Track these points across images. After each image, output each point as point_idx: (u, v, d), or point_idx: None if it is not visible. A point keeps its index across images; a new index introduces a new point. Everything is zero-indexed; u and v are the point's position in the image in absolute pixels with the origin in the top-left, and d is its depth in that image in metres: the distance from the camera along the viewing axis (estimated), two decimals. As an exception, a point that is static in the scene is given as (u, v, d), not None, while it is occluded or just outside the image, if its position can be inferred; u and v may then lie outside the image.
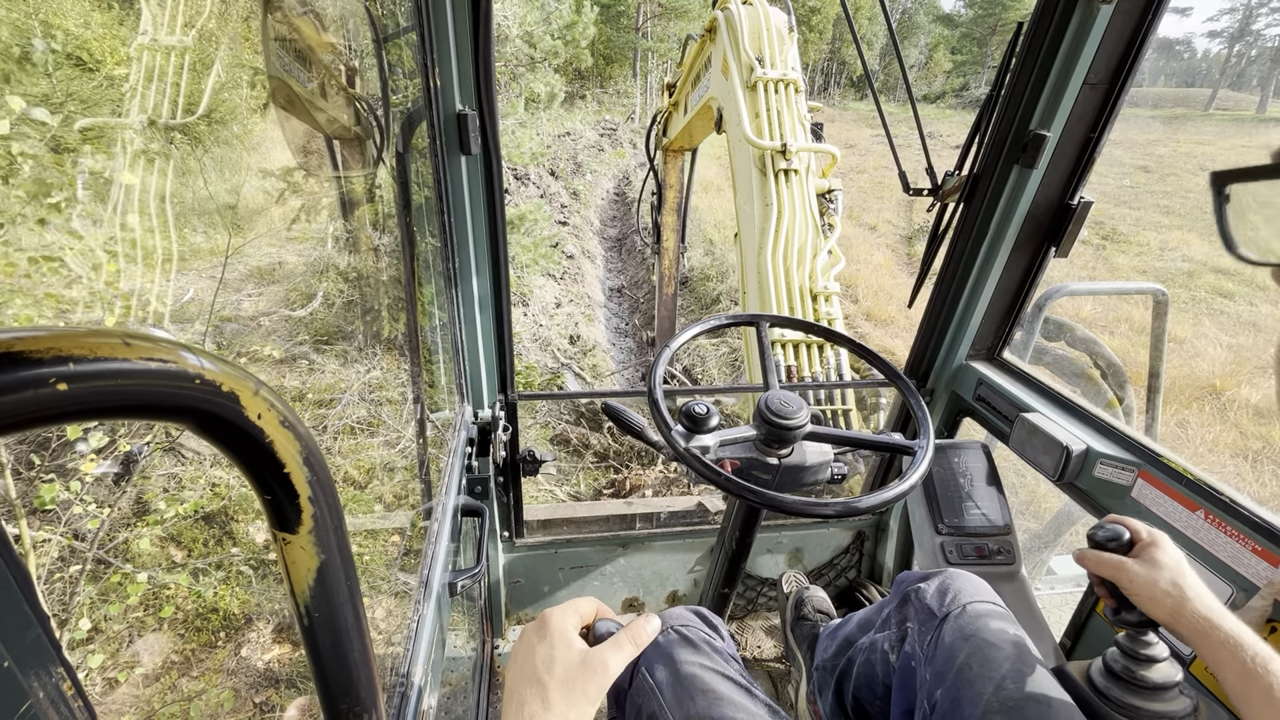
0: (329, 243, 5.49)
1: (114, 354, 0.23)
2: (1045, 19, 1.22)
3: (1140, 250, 11.77)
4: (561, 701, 0.59)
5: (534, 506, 1.90)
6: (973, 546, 1.41)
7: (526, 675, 0.61)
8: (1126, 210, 14.41)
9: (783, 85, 3.28)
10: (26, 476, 2.51)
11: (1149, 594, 0.79)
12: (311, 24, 1.13)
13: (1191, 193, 15.61)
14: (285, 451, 0.32)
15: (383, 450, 3.92)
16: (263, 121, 6.01)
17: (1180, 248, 11.61)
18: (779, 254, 2.99)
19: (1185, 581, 0.78)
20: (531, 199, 10.87)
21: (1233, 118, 36.36)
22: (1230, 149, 21.94)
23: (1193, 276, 10.13)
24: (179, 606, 2.74)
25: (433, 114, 1.16)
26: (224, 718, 2.41)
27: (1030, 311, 2.06)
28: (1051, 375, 2.23)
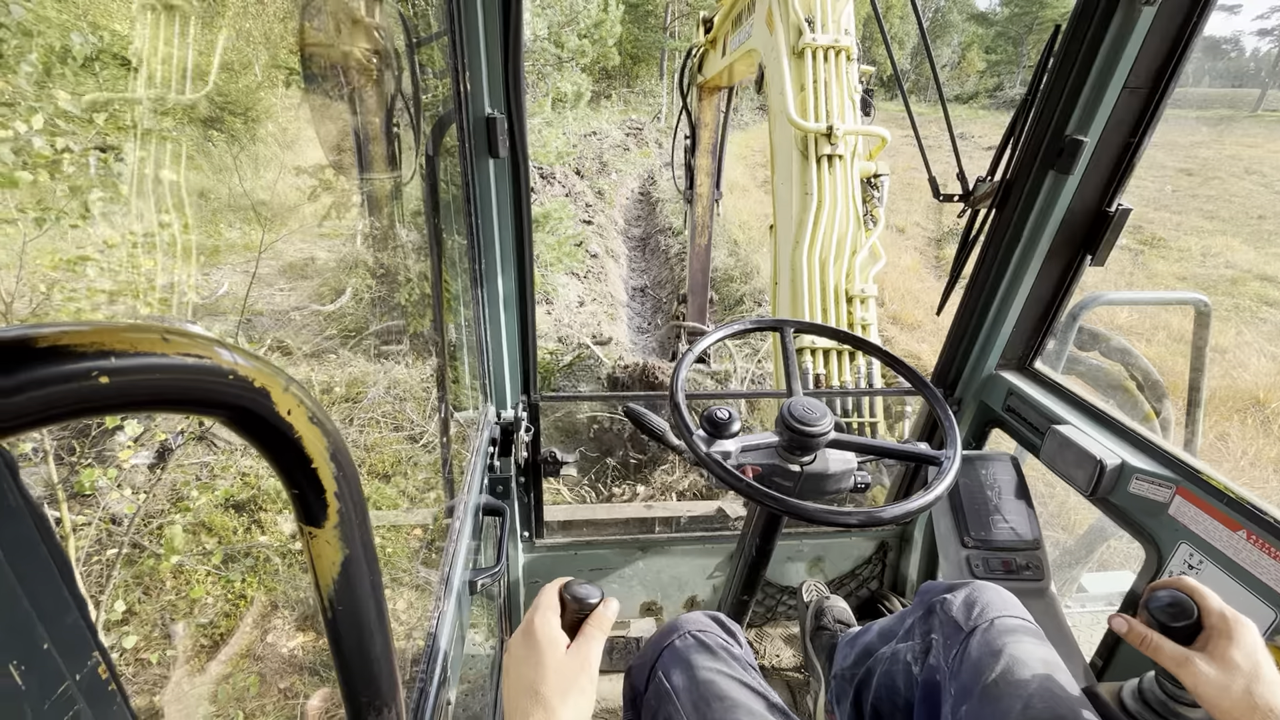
0: (358, 240, 5.60)
1: (153, 349, 0.24)
2: (1084, 21, 1.19)
3: (1181, 256, 11.33)
4: (561, 704, 0.61)
5: (558, 507, 1.91)
6: (1000, 560, 1.38)
7: (523, 687, 0.63)
8: (1167, 215, 13.88)
9: (834, 53, 2.94)
10: (68, 462, 2.61)
11: (1215, 701, 0.69)
12: (349, 29, 1.15)
13: (1236, 197, 14.97)
14: (313, 447, 0.32)
15: (407, 447, 3.98)
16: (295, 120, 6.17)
17: (1224, 254, 11.16)
18: (815, 251, 2.81)
19: (1259, 690, 0.67)
20: (556, 198, 10.95)
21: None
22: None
23: (1236, 284, 9.73)
24: (208, 591, 2.82)
25: (463, 117, 1.18)
26: (249, 701, 2.47)
27: (1064, 320, 2.00)
28: (1085, 386, 2.17)
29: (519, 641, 0.67)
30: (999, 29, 49.14)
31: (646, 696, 0.96)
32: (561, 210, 9.40)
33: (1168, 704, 0.81)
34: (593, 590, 0.71)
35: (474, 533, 1.24)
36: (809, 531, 1.85)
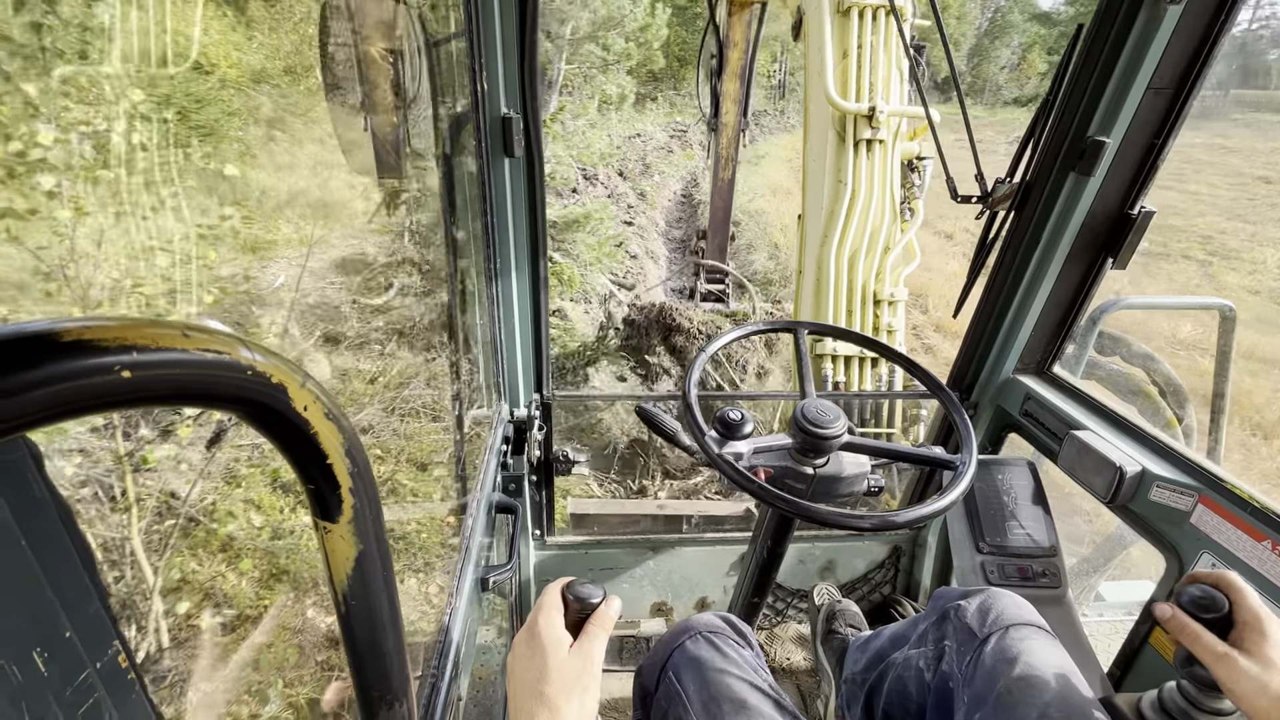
0: (375, 240, 5.67)
1: (174, 344, 0.25)
2: (1108, 20, 1.17)
3: (1254, 268, 10.75)
4: (565, 704, 0.61)
5: (589, 500, 1.91)
6: (1015, 567, 1.36)
7: (527, 688, 0.63)
8: (1240, 224, 13.16)
9: (883, 12, 2.56)
10: (135, 437, 2.70)
11: (1252, 699, 0.67)
12: (367, 29, 1.17)
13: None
14: (329, 443, 0.33)
15: (421, 444, 4.01)
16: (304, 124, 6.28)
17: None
18: (845, 247, 2.57)
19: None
20: (598, 198, 10.96)
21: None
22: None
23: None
24: (255, 564, 2.89)
25: (479, 117, 1.19)
26: (289, 670, 2.53)
27: (1084, 324, 1.97)
28: (1105, 391, 2.14)
29: (523, 641, 0.67)
30: (1061, 29, 47.62)
31: (657, 696, 0.96)
32: (602, 211, 9.40)
33: (1189, 713, 0.79)
34: (595, 589, 0.71)
35: (486, 530, 1.25)
36: (821, 534, 1.84)
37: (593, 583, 0.72)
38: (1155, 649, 1.22)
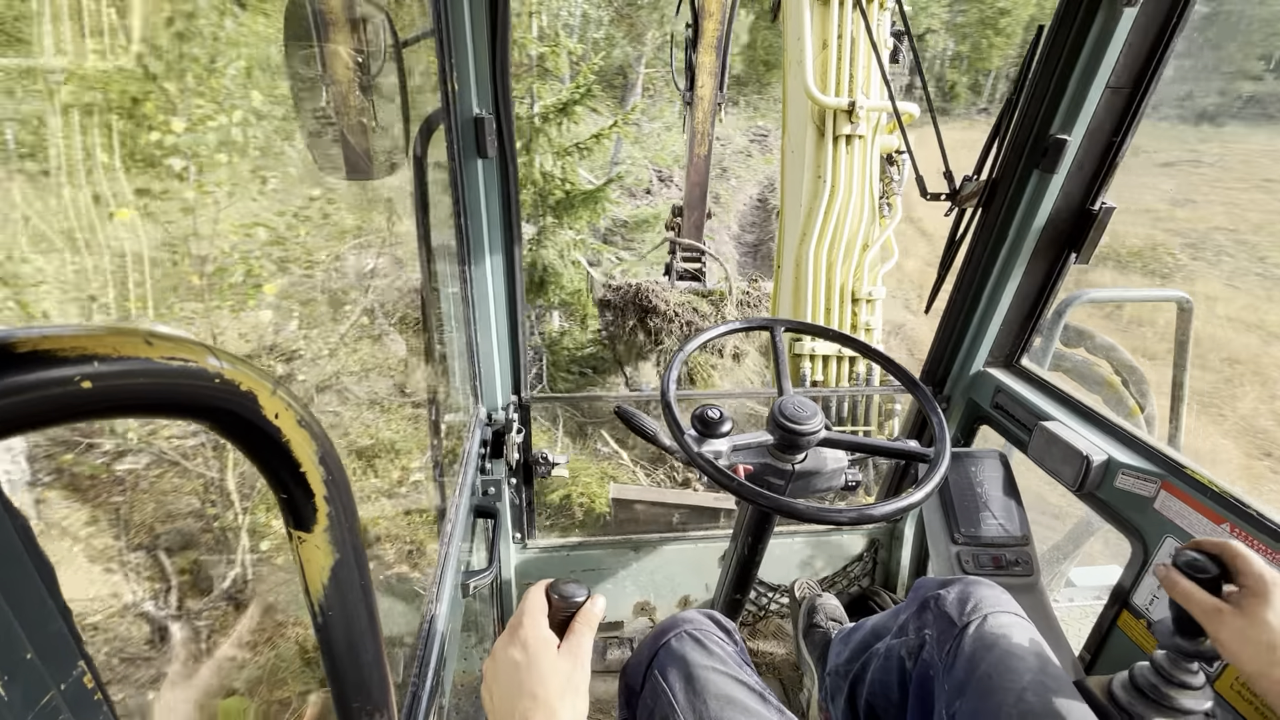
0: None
1: (136, 353, 0.24)
2: (1067, 21, 1.20)
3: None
4: (560, 704, 0.61)
5: (630, 487, 1.88)
6: (989, 556, 1.39)
7: (517, 691, 0.62)
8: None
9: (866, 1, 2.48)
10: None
11: (1237, 651, 0.72)
12: (332, 28, 1.15)
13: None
14: (301, 451, 0.32)
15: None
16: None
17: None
18: (824, 245, 2.53)
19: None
20: (670, 200, 10.85)
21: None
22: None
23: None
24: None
25: (450, 118, 1.18)
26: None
27: (1050, 318, 2.03)
28: (1071, 383, 2.20)
29: (507, 645, 0.66)
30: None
31: (642, 696, 0.96)
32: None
33: (1160, 688, 0.82)
34: (579, 588, 0.71)
35: (466, 535, 1.23)
36: (801, 530, 1.86)
37: (576, 581, 0.72)
38: (1123, 632, 1.26)
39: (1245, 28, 27.64)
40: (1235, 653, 0.72)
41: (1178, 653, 0.81)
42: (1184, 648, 0.80)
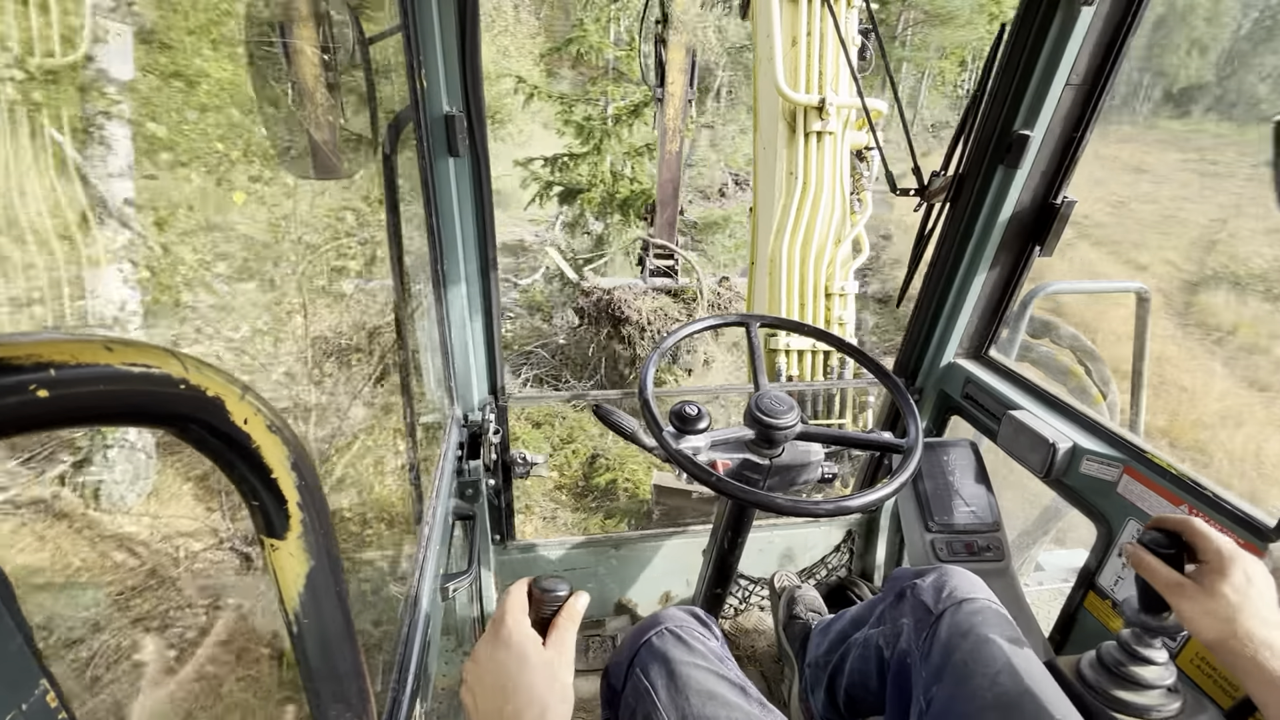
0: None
1: (96, 359, 0.23)
2: (1028, 19, 1.23)
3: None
4: (550, 698, 0.61)
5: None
6: (962, 543, 1.43)
7: (506, 688, 0.62)
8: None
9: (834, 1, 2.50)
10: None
11: (1197, 623, 0.75)
12: (294, 23, 1.12)
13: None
14: (272, 456, 0.31)
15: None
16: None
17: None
18: (797, 242, 2.56)
19: (1240, 617, 0.73)
20: (744, 203, 10.74)
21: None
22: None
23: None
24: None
25: (420, 115, 1.16)
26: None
27: (1016, 310, 2.08)
28: (1037, 372, 2.26)
29: (490, 644, 0.66)
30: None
31: (625, 695, 0.96)
32: (741, 214, 9.31)
33: (1124, 664, 0.85)
34: (561, 584, 0.71)
35: (444, 538, 1.22)
36: (779, 523, 1.88)
37: (558, 577, 0.72)
38: (1090, 612, 1.30)
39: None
40: (1196, 624, 0.75)
41: (1142, 628, 0.84)
42: (1148, 623, 0.83)
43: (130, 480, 3.53)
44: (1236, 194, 2.16)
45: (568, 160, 8.37)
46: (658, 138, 5.75)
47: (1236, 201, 3.00)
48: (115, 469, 3.44)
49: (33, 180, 2.88)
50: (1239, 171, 2.68)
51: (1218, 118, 18.29)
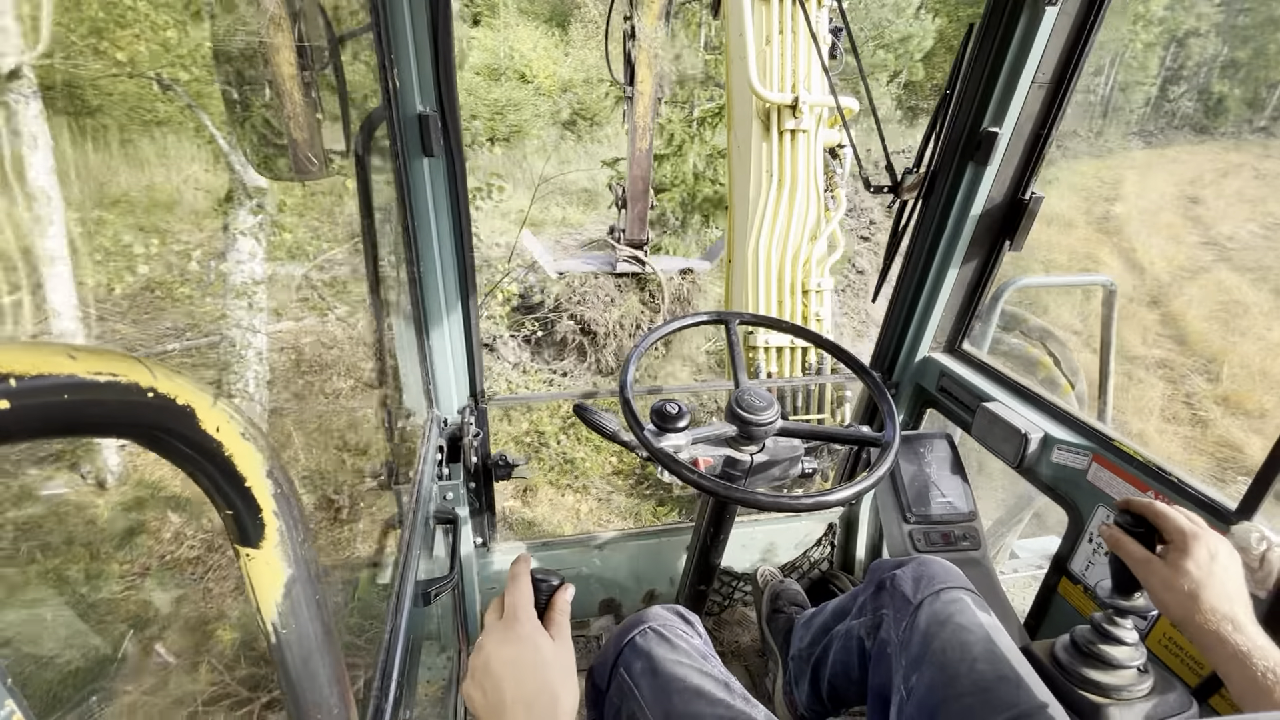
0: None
1: (59, 369, 0.22)
2: (995, 19, 1.26)
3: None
4: (562, 690, 0.62)
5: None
6: (940, 533, 1.45)
7: (523, 681, 0.62)
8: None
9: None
10: None
11: (1162, 598, 0.79)
12: (262, 21, 1.10)
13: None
14: (246, 465, 0.31)
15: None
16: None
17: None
18: (773, 238, 2.61)
19: (1203, 594, 0.76)
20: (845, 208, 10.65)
21: None
22: None
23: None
24: None
25: (392, 115, 1.14)
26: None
27: (988, 304, 2.12)
28: (1009, 365, 2.31)
29: (503, 635, 0.65)
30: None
31: (609, 694, 0.96)
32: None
33: (1096, 645, 0.88)
34: (551, 573, 0.73)
35: (424, 542, 1.21)
36: (761, 519, 1.89)
37: (545, 569, 0.73)
38: (1063, 597, 1.34)
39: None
40: (1163, 601, 0.79)
41: (1115, 610, 0.87)
42: (1120, 604, 0.86)
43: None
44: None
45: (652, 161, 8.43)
46: (628, 135, 5.84)
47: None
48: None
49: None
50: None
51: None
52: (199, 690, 2.53)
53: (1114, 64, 19.28)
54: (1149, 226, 11.94)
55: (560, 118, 10.16)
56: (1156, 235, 11.64)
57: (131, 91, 5.80)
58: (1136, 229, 11.87)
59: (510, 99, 9.72)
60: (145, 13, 3.90)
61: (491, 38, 10.89)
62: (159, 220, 4.86)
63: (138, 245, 4.13)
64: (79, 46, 4.64)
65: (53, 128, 3.08)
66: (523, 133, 8.71)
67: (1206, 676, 1.02)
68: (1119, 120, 19.83)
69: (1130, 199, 13.41)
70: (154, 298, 4.42)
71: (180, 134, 5.17)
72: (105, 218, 4.70)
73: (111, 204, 5.12)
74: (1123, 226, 12.10)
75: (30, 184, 3.03)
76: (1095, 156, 17.64)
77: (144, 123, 5.97)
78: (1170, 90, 20.34)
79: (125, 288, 4.23)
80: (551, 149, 8.81)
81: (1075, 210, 12.94)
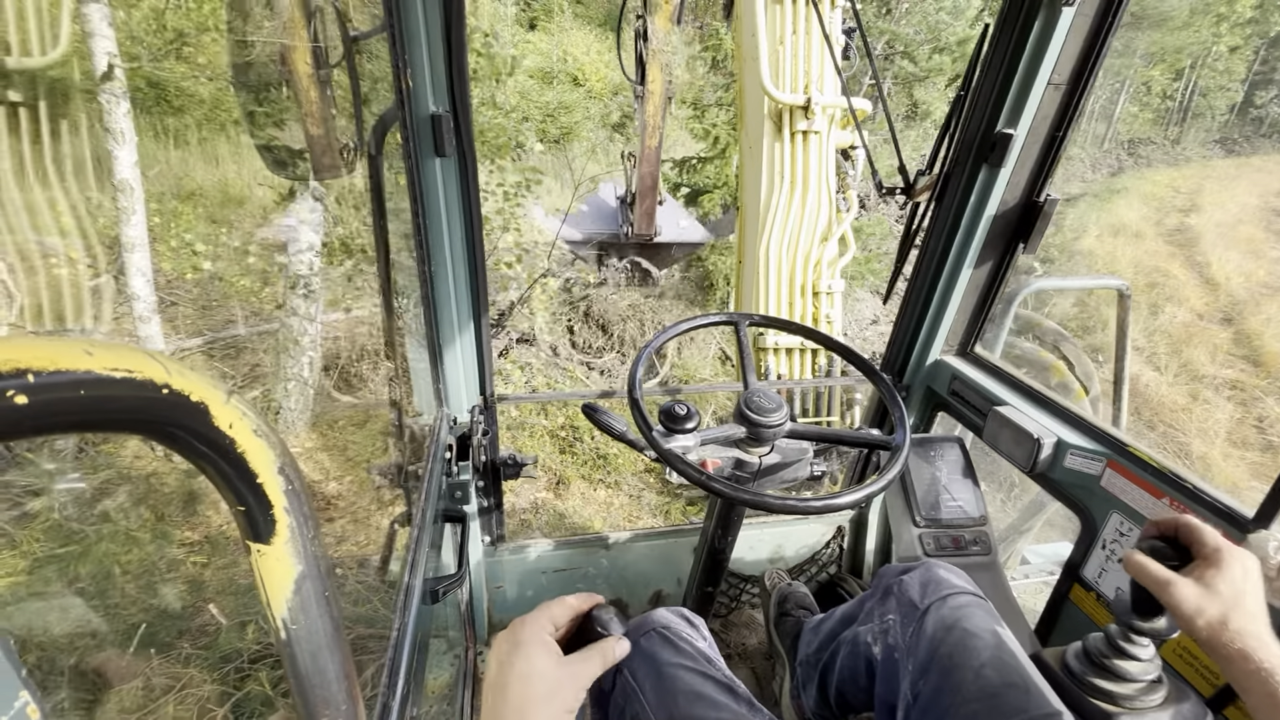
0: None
1: (76, 364, 0.23)
2: (1011, 20, 1.24)
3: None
4: (538, 714, 0.60)
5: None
6: (950, 538, 1.44)
7: (500, 689, 0.61)
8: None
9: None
10: None
11: (1190, 620, 0.74)
12: (279, 24, 1.11)
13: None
14: (258, 461, 0.31)
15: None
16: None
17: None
18: (784, 241, 2.59)
19: (1233, 614, 0.72)
20: (882, 215, 10.50)
21: None
22: None
23: None
24: None
25: (406, 115, 1.15)
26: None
27: (1000, 307, 2.10)
28: (1021, 369, 2.29)
29: (505, 640, 0.65)
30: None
31: (613, 695, 0.96)
32: (875, 226, 9.27)
33: (1110, 657, 0.86)
34: (616, 624, 0.69)
35: (433, 540, 1.21)
36: (769, 521, 1.89)
37: (619, 619, 0.70)
38: (1075, 604, 1.32)
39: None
40: (1191, 623, 0.75)
41: (1132, 629, 0.85)
42: (1139, 626, 0.84)
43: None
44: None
45: (695, 163, 8.62)
46: (638, 132, 5.87)
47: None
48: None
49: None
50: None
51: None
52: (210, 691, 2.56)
53: (1198, 65, 18.41)
54: (1226, 239, 11.46)
55: (610, 120, 10.22)
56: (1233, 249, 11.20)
57: (209, 94, 6.08)
58: (1213, 241, 11.46)
59: (562, 102, 9.79)
60: (222, 18, 4.11)
61: (546, 42, 11.02)
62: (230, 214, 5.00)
63: (200, 243, 4.29)
64: (164, 49, 4.86)
65: (138, 126, 3.20)
66: (572, 134, 8.82)
67: (1221, 687, 1.01)
68: (1198, 126, 18.94)
69: (1207, 209, 12.89)
70: (221, 285, 4.66)
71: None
72: (181, 209, 4.93)
73: (187, 197, 5.35)
74: (1198, 238, 11.67)
75: (116, 177, 3.16)
76: (1172, 164, 16.97)
77: (220, 123, 6.29)
78: (1257, 96, 19.26)
79: (198, 276, 4.45)
80: (601, 151, 8.86)
81: (1145, 221, 12.49)
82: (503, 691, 0.61)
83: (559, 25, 13.26)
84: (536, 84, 10.05)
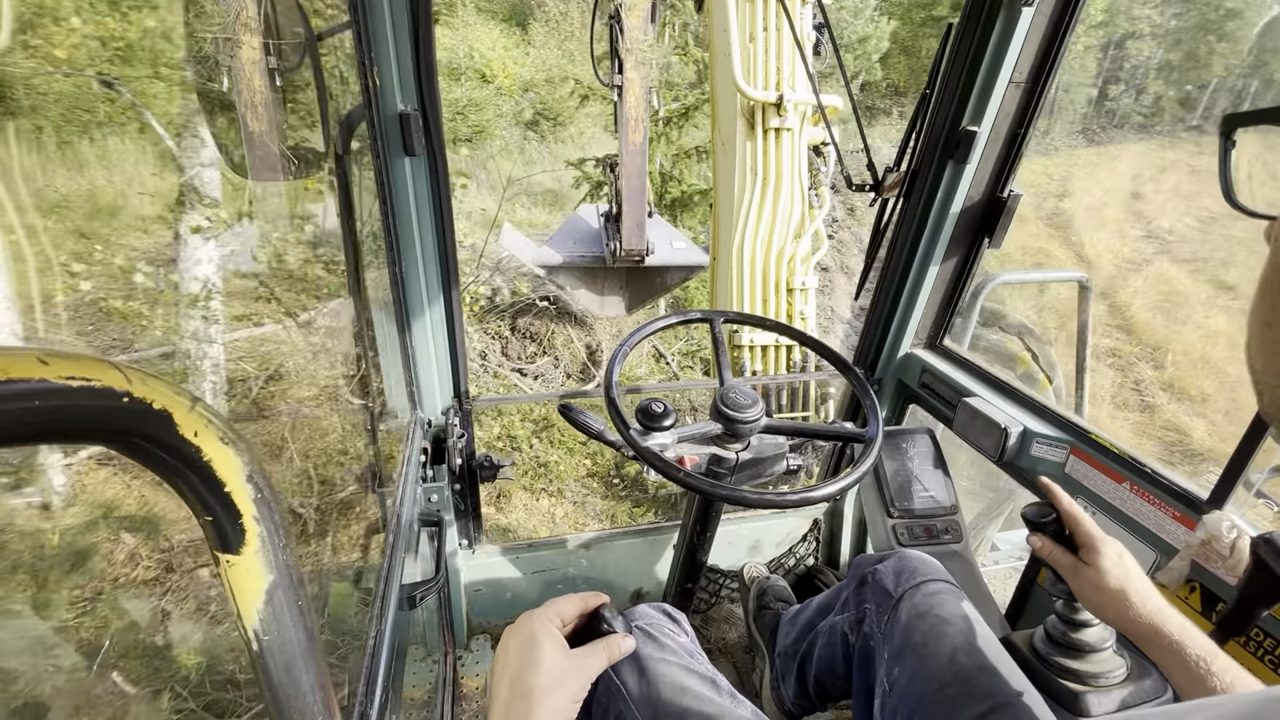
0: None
1: (29, 373, 0.22)
2: (973, 20, 1.27)
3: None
4: (542, 706, 0.60)
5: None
6: (922, 527, 1.47)
7: (510, 679, 0.62)
8: None
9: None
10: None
11: (1095, 601, 0.81)
12: (239, 20, 1.08)
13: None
14: (226, 469, 0.30)
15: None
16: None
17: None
18: (758, 237, 2.61)
19: (1130, 587, 0.78)
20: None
21: None
22: None
23: None
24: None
25: (373, 114, 1.13)
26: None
27: (968, 301, 2.15)
28: (989, 360, 2.35)
29: (513, 633, 0.66)
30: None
31: (597, 695, 0.96)
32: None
33: (1066, 634, 0.91)
34: (620, 622, 0.71)
35: (409, 545, 1.20)
36: (747, 516, 1.90)
37: (623, 619, 0.72)
38: (1042, 588, 1.36)
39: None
40: (1096, 603, 0.81)
41: (1062, 596, 0.90)
42: (1075, 605, 0.89)
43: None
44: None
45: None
46: (619, 129, 5.37)
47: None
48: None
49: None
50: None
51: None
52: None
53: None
54: (1094, 221, 12.38)
55: (522, 118, 10.07)
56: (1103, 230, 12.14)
57: (68, 91, 5.60)
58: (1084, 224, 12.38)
59: (471, 99, 9.57)
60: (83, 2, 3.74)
61: (450, 37, 10.70)
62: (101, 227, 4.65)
63: (76, 263, 3.97)
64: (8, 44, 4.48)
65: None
66: (485, 133, 8.60)
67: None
68: (1063, 119, 19.88)
69: (1077, 195, 13.89)
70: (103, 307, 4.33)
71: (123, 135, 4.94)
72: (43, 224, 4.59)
73: (50, 210, 4.97)
74: (1071, 221, 12.55)
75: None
76: (1043, 154, 17.55)
77: (82, 124, 5.75)
78: (1110, 90, 20.69)
79: (71, 298, 4.09)
80: (516, 150, 8.73)
81: (1026, 206, 13.59)
82: (513, 681, 0.61)
83: (462, 20, 12.72)
84: (444, 80, 9.81)
